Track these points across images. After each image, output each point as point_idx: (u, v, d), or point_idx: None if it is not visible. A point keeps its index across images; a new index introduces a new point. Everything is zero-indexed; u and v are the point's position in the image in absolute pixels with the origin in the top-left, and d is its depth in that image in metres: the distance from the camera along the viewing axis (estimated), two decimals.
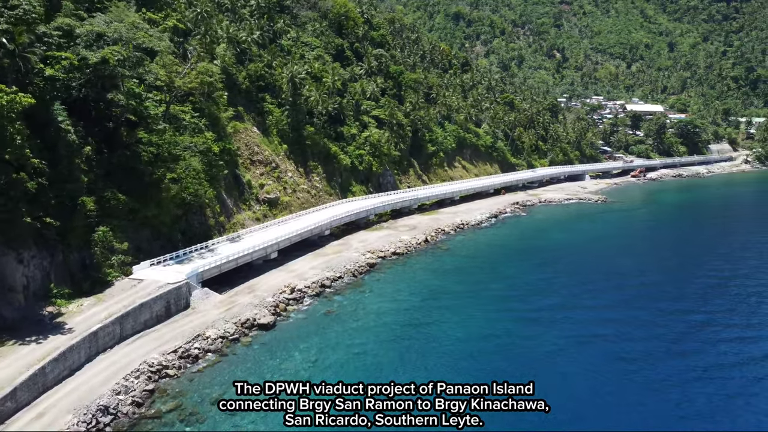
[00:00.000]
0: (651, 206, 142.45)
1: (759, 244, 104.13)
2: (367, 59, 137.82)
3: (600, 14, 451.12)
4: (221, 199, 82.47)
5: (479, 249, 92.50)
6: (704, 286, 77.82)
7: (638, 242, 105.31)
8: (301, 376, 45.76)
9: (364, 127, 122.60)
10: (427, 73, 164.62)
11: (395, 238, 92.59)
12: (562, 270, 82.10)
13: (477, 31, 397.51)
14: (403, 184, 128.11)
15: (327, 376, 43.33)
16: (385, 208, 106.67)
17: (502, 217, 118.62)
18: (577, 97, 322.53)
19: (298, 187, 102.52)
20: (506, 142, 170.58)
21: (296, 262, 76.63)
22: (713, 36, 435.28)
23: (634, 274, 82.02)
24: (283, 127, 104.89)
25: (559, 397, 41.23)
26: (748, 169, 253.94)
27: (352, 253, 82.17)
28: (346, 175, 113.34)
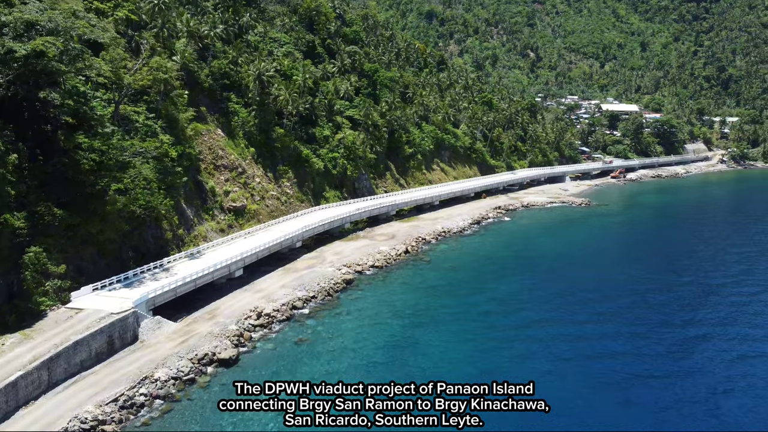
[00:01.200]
0: (635, 210, 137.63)
1: (747, 248, 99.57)
2: (340, 56, 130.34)
3: (572, 13, 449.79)
4: (180, 209, 74.33)
5: (464, 260, 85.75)
6: (700, 293, 72.41)
7: (627, 250, 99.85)
8: (268, 429, 38.27)
9: (338, 128, 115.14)
10: (402, 72, 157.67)
11: (373, 249, 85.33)
12: (554, 284, 75.79)
13: (450, 29, 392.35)
14: (379, 189, 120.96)
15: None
16: (362, 215, 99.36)
17: (484, 223, 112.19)
18: (552, 97, 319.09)
19: (267, 193, 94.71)
20: (485, 143, 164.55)
21: (264, 279, 68.87)
22: (684, 36, 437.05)
23: (628, 286, 76.23)
24: (250, 129, 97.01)
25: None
26: (724, 168, 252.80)
27: (326, 268, 74.68)
28: (318, 180, 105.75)
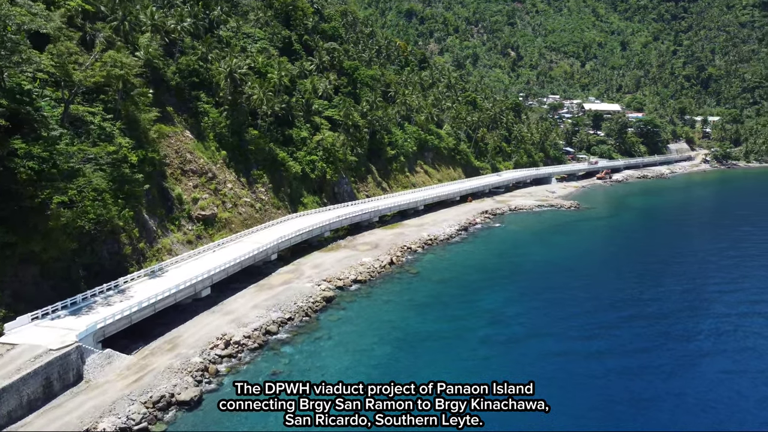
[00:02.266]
0: (625, 213, 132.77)
1: (739, 253, 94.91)
2: (318, 53, 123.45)
3: (553, 12, 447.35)
4: (141, 220, 67.03)
5: (453, 272, 79.51)
6: (699, 304, 67.05)
7: (622, 258, 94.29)
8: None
9: (316, 129, 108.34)
10: (383, 70, 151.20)
11: (355, 261, 78.72)
12: (551, 297, 70.01)
13: (430, 28, 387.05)
14: (360, 193, 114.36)
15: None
16: (342, 223, 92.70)
17: (472, 229, 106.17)
18: (534, 96, 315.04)
19: (240, 200, 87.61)
20: (469, 144, 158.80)
21: (235, 298, 61.89)
22: (663, 35, 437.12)
23: (626, 297, 70.71)
24: (222, 131, 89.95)
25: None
26: (707, 168, 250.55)
27: (304, 284, 67.91)
28: (296, 185, 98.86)
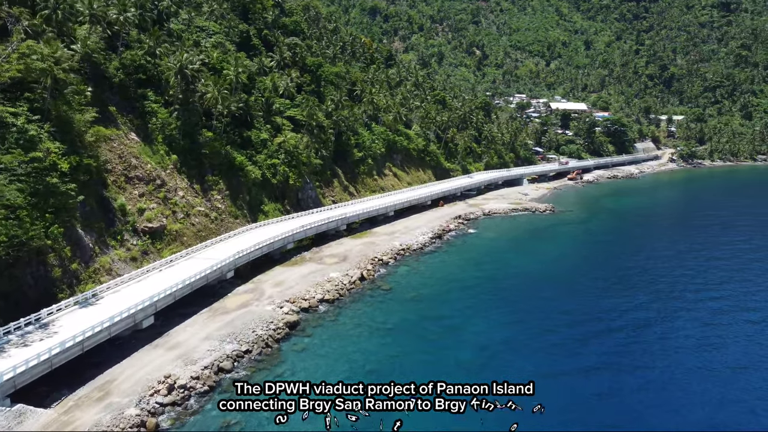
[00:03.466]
0: (602, 216, 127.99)
1: (727, 260, 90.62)
2: (279, 49, 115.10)
3: (517, 11, 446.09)
4: (74, 236, 58.21)
5: (429, 287, 72.52)
6: (699, 321, 61.57)
7: (605, 266, 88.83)
8: None
9: (278, 130, 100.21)
10: (348, 67, 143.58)
11: (322, 277, 71.07)
12: (535, 315, 63.74)
13: (395, 26, 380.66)
14: (326, 199, 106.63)
15: None
16: (307, 233, 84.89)
17: (446, 237, 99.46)
18: (500, 96, 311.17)
19: (193, 209, 79.10)
20: (439, 145, 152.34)
21: (183, 327, 53.65)
22: (626, 35, 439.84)
23: (615, 314, 64.80)
24: (172, 133, 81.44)
25: None
26: (674, 168, 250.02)
27: (264, 306, 60.01)
28: (255, 191, 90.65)
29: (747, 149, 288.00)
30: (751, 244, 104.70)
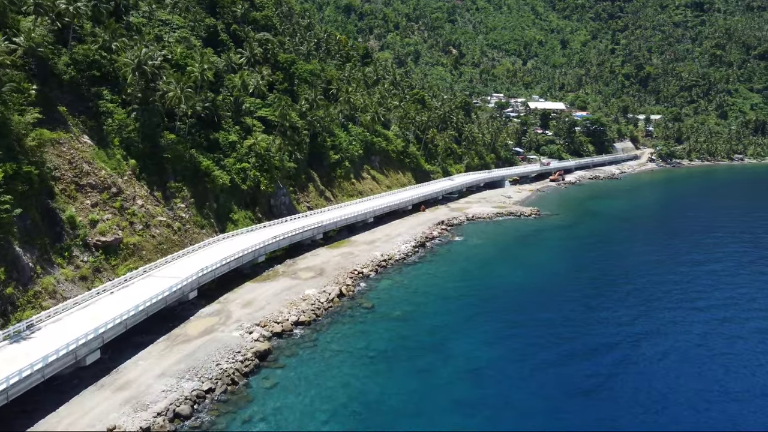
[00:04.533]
0: (588, 220, 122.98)
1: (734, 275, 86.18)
2: (249, 45, 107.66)
3: (493, 10, 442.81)
4: (11, 255, 50.73)
5: (414, 303, 66.20)
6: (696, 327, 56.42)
7: (598, 276, 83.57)
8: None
9: (248, 132, 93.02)
10: (323, 65, 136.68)
11: (296, 294, 64.30)
12: (529, 336, 57.99)
13: (370, 24, 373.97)
14: (301, 205, 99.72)
15: None
16: (280, 243, 77.92)
17: (430, 245, 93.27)
18: (478, 95, 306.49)
19: (153, 219, 71.71)
20: (419, 146, 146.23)
21: (135, 362, 46.47)
22: (601, 34, 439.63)
23: (617, 328, 59.38)
24: (130, 135, 74.10)
25: None
26: (654, 168, 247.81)
27: (231, 332, 53.07)
28: (224, 198, 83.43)
29: (724, 148, 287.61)
30: (738, 248, 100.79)
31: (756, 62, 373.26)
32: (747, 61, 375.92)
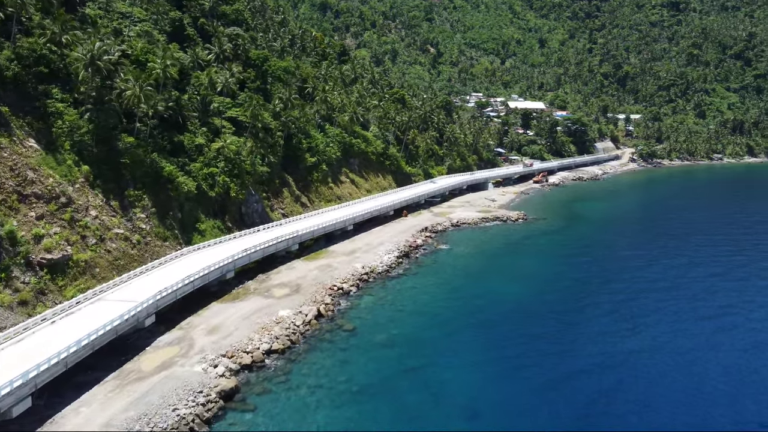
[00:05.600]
0: (577, 224, 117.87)
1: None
2: (218, 40, 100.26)
3: (470, 8, 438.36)
4: None
5: (401, 324, 59.86)
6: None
7: (593, 288, 78.31)
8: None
9: (216, 134, 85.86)
10: (298, 62, 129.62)
11: (269, 317, 57.50)
12: (528, 365, 52.07)
13: (346, 22, 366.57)
14: (275, 212, 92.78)
15: None
16: (252, 256, 70.89)
17: (414, 255, 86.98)
18: (457, 94, 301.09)
19: (109, 232, 64.41)
20: (399, 148, 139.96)
21: (77, 408, 39.35)
22: (579, 33, 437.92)
23: (625, 354, 53.80)
24: (83, 138, 67.00)
25: None
26: (636, 168, 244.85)
27: (193, 366, 46.17)
28: (189, 207, 76.23)
29: (703, 148, 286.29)
30: (740, 256, 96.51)
31: (732, 62, 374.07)
32: (723, 60, 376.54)
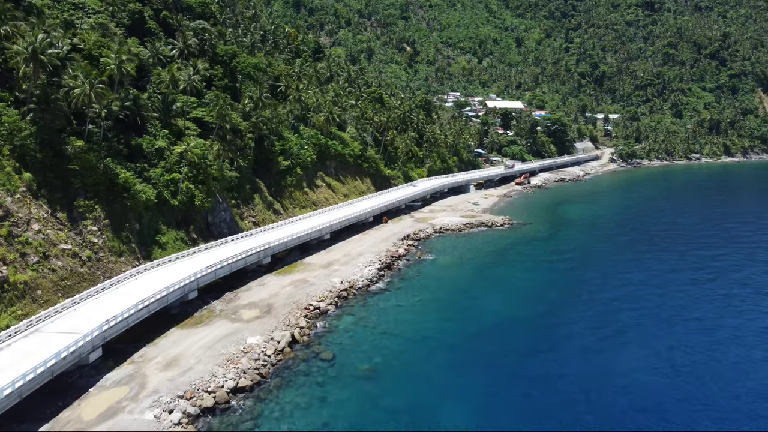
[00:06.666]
0: (563, 230, 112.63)
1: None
2: (183, 34, 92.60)
3: (446, 7, 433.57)
4: None
5: (384, 350, 53.38)
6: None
7: (587, 302, 72.88)
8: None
9: (179, 136, 78.44)
10: (270, 59, 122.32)
11: (236, 345, 50.58)
12: (533, 393, 46.14)
13: (320, 20, 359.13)
14: (245, 220, 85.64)
15: None
16: (217, 273, 63.73)
17: (396, 266, 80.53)
18: (434, 93, 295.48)
19: (54, 249, 56.90)
20: (377, 149, 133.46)
21: None
22: (555, 32, 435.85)
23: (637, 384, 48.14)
24: (25, 142, 59.57)
25: None
26: (616, 168, 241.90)
27: (143, 412, 39.19)
28: (149, 217, 68.79)
29: (681, 148, 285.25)
30: (728, 262, 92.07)
31: (707, 61, 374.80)
32: (699, 60, 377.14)
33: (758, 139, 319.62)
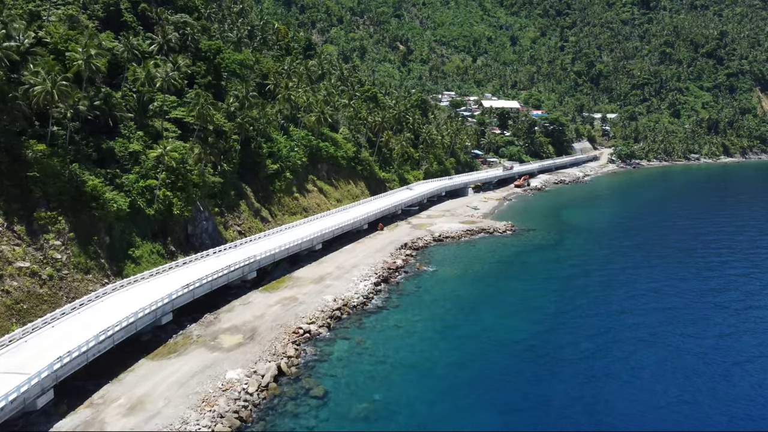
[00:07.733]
0: (571, 236, 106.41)
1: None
2: (162, 28, 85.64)
3: (440, 5, 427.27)
4: None
5: (384, 384, 46.97)
6: None
7: (603, 322, 66.75)
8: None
9: (156, 138, 71.68)
10: (258, 55, 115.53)
11: (214, 381, 44.00)
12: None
13: (312, 18, 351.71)
14: (230, 230, 79.00)
15: None
16: (196, 293, 57.07)
17: (394, 280, 74.10)
18: (429, 93, 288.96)
19: (9, 267, 50.29)
20: (372, 151, 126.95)
21: None
22: (550, 31, 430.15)
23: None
24: None
25: None
26: (615, 169, 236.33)
27: None
28: (120, 229, 62.06)
29: (680, 148, 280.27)
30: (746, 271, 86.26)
31: (705, 60, 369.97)
32: (696, 59, 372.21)
33: (757, 139, 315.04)
